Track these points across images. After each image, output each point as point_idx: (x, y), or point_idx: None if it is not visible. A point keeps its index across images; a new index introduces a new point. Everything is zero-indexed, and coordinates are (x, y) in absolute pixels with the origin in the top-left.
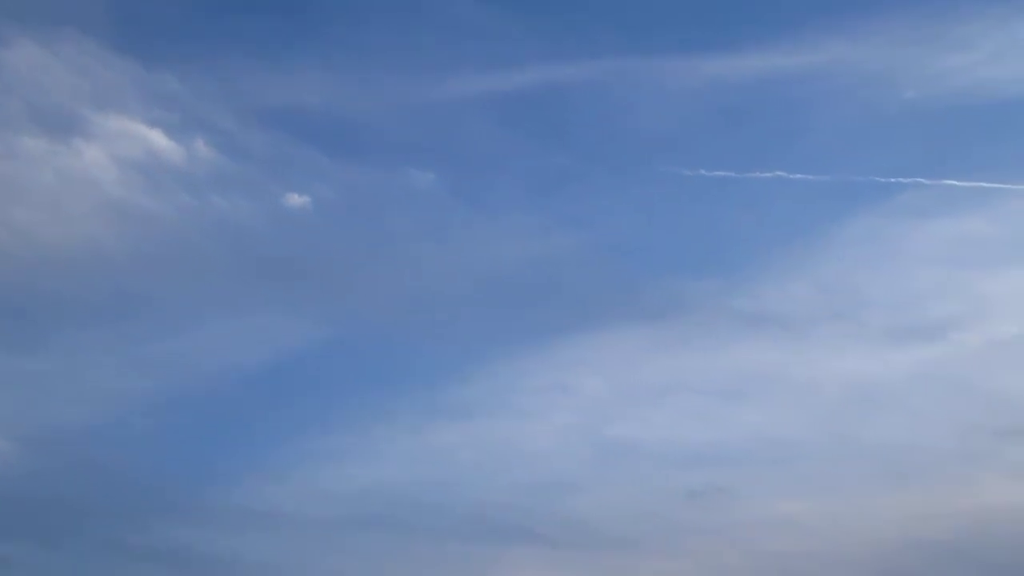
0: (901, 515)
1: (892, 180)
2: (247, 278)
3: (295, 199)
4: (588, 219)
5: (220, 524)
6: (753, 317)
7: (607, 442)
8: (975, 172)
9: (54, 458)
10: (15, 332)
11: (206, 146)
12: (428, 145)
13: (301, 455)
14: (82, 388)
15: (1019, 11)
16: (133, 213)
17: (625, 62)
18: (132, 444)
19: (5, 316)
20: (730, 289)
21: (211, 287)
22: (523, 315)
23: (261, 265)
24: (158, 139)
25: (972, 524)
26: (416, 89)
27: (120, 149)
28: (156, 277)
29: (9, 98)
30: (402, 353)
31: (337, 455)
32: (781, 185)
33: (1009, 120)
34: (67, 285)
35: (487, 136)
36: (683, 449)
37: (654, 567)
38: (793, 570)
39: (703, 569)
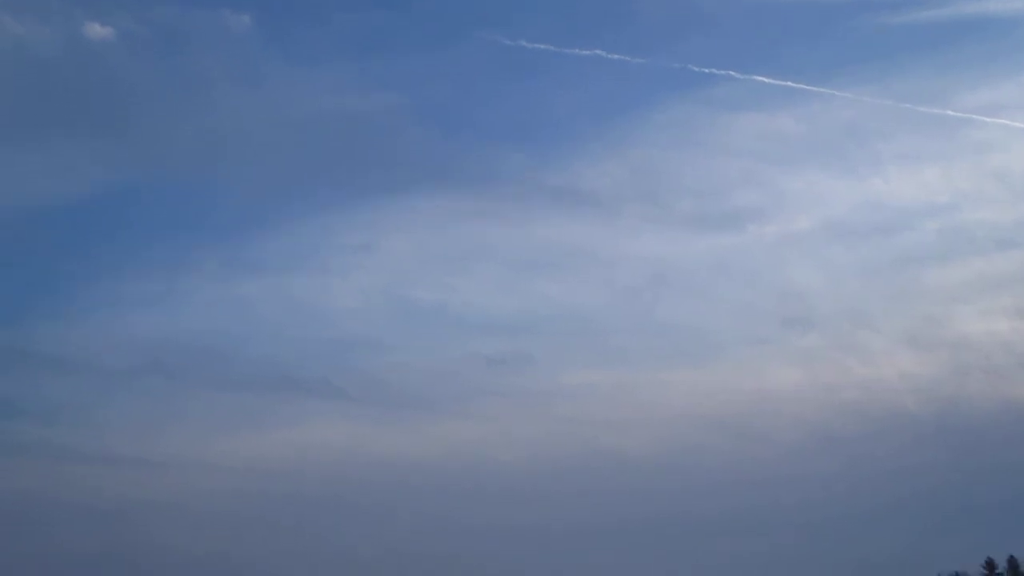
0: (689, 390)
1: (706, 70)
2: (41, 110)
3: (97, 29)
4: (406, 81)
5: (8, 367)
6: (563, 192)
7: (411, 304)
8: (785, 71)
9: None
10: None
11: None
12: None
13: (99, 300)
14: None
15: None
16: None
17: None
18: None
19: None
20: (542, 163)
21: None
22: (333, 172)
23: (58, 97)
24: None
25: (755, 403)
26: None
27: None
28: None
29: None
30: (208, 201)
31: (137, 302)
32: (599, 64)
33: (822, 23)
34: None
35: None
36: (485, 316)
37: (451, 427)
38: (585, 436)
39: (499, 432)
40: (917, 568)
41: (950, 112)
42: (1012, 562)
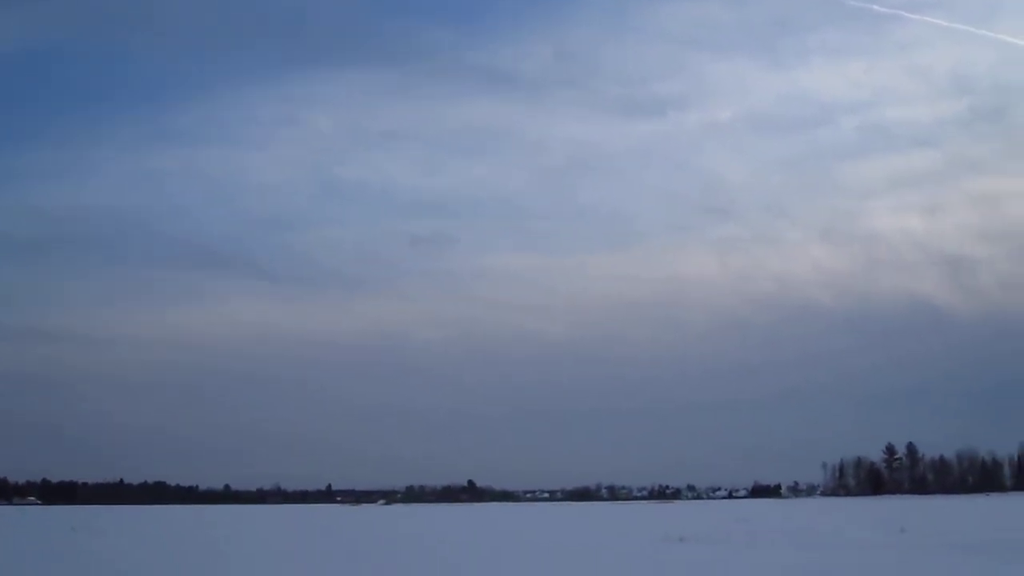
0: (610, 275)
1: None
2: None
3: None
4: None
5: None
6: (488, 72)
7: (333, 181)
8: None
9: None
10: None
11: None
12: None
13: (7, 171)
14: None
15: None
16: None
17: None
18: None
19: None
20: (468, 42)
21: None
22: (254, 42)
23: None
24: None
25: (672, 289)
26: None
27: None
28: None
29: None
30: (124, 69)
31: (48, 173)
32: None
33: None
34: None
35: None
36: (409, 196)
37: (375, 307)
38: (508, 319)
39: (423, 312)
40: (821, 452)
41: (876, 7)
42: (911, 447)
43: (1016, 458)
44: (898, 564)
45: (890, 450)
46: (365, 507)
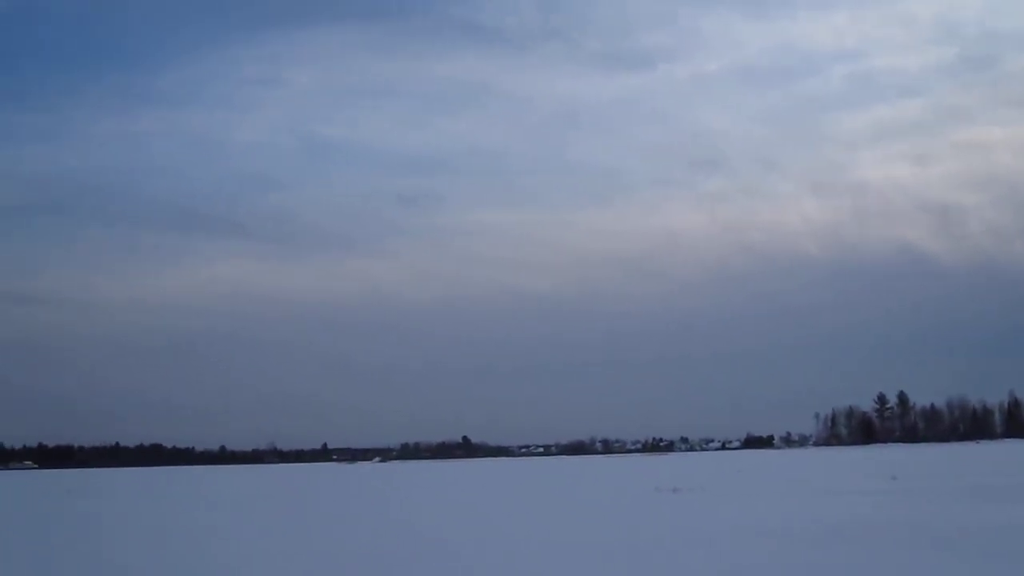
0: (598, 230)
1: None
2: None
3: None
4: None
5: None
6: (473, 27)
7: (317, 140)
8: None
9: None
10: None
11: None
12: None
13: None
14: None
15: None
16: None
17: None
18: None
19: None
20: None
21: None
22: (236, 1)
23: None
24: None
25: (661, 243)
26: None
27: None
28: None
29: None
30: (106, 31)
31: (31, 136)
32: None
33: None
34: None
35: None
36: (394, 153)
37: (362, 265)
38: (496, 275)
39: (410, 270)
40: (813, 402)
41: None
42: (902, 396)
43: (1006, 405)
44: (888, 509)
45: (881, 399)
46: (361, 465)
